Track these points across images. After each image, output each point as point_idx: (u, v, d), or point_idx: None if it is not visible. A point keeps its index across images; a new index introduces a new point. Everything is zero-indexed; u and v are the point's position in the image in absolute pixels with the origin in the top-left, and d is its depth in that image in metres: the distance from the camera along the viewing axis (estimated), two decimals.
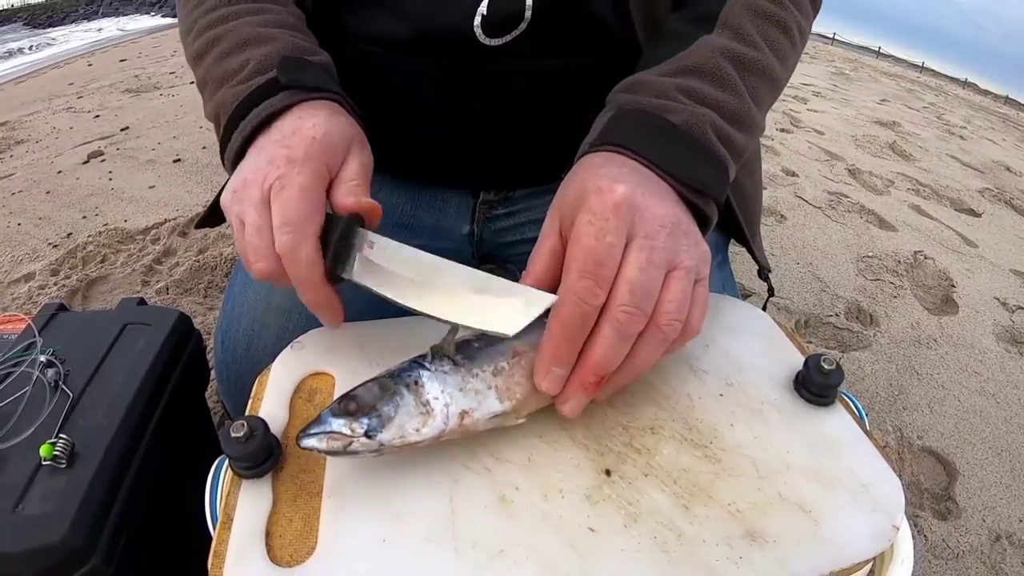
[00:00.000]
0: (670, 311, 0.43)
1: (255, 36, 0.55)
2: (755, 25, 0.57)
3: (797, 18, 0.61)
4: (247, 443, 0.42)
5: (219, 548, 0.40)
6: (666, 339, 0.44)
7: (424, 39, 0.65)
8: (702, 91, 0.53)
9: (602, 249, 0.42)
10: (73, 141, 2.57)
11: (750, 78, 0.56)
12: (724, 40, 0.56)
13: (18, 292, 1.50)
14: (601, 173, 0.46)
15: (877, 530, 0.42)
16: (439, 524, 0.41)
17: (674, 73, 0.54)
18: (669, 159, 0.48)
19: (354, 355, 0.54)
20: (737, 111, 0.54)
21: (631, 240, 0.43)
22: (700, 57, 0.54)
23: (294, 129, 0.49)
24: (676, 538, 0.41)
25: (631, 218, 0.43)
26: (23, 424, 0.58)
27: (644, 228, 0.43)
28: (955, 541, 1.12)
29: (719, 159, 0.52)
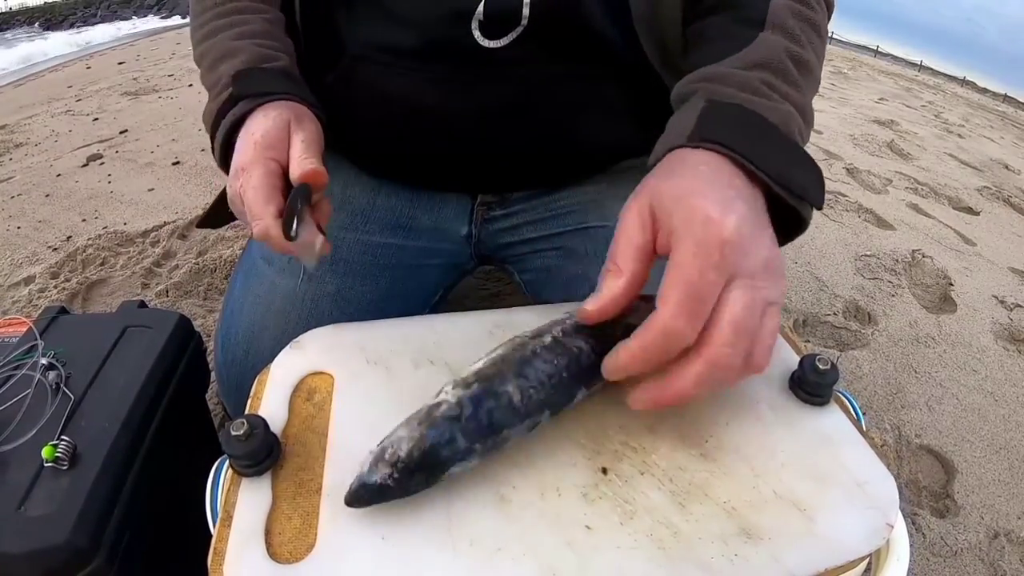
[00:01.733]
0: (763, 351, 0.43)
1: (227, 51, 0.64)
2: (800, 27, 0.58)
3: (824, 20, 0.62)
4: (247, 441, 0.43)
5: (219, 546, 0.40)
6: (749, 372, 0.43)
7: (423, 44, 0.65)
8: (780, 87, 0.53)
9: (703, 285, 0.41)
10: (72, 144, 2.57)
11: (805, 76, 0.56)
12: (780, 38, 0.56)
13: (18, 295, 1.50)
14: (709, 194, 0.44)
15: (872, 528, 0.43)
16: (437, 522, 0.41)
17: (749, 67, 0.54)
18: (773, 162, 0.48)
19: (353, 355, 0.54)
20: (805, 107, 0.55)
21: (734, 277, 0.42)
22: (768, 53, 0.54)
23: (243, 141, 0.57)
24: (672, 535, 0.41)
25: (736, 256, 0.42)
26: (25, 426, 0.58)
27: (748, 268, 0.42)
28: (953, 539, 1.12)
29: (812, 161, 0.51)
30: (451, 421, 0.42)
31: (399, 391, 0.51)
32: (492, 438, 0.43)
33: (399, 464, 0.40)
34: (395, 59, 0.67)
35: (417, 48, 0.66)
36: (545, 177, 0.78)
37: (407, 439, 0.41)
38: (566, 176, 0.79)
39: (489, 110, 0.68)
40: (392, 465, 0.40)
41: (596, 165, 0.79)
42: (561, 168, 0.77)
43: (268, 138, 0.56)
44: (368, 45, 0.69)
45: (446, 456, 0.42)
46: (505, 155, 0.72)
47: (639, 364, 0.42)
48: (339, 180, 0.78)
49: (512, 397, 0.43)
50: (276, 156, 0.56)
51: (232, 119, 0.59)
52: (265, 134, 0.56)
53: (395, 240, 0.78)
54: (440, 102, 0.68)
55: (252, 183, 0.53)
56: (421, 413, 0.43)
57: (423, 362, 0.53)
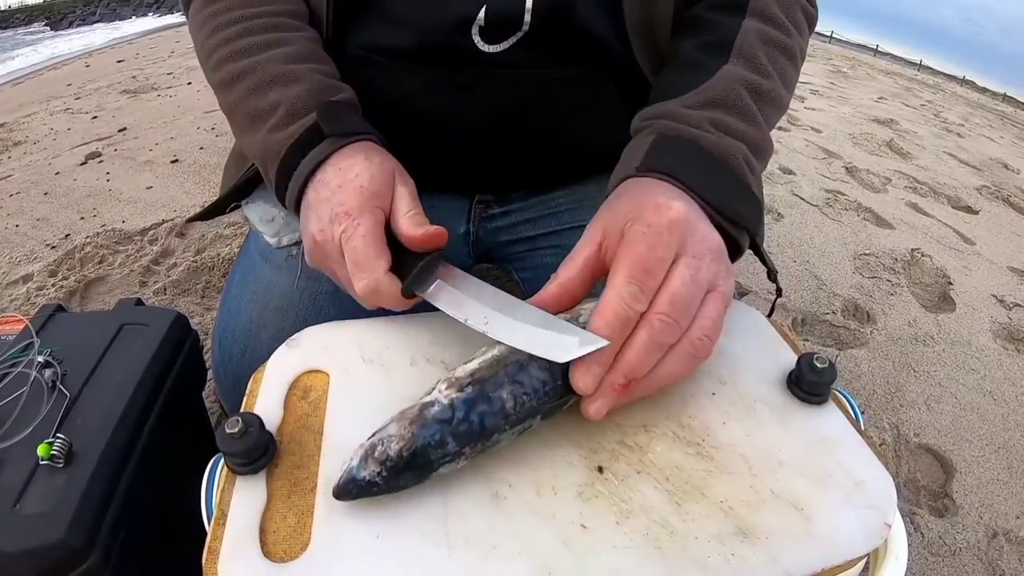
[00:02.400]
0: (705, 327, 0.45)
1: (282, 75, 0.59)
2: (767, 54, 0.60)
3: (800, 43, 0.64)
4: (242, 439, 0.42)
5: (213, 544, 0.40)
6: (696, 355, 0.45)
7: (423, 48, 0.65)
8: (730, 124, 0.55)
9: (652, 260, 0.44)
10: (71, 142, 2.57)
11: (765, 107, 0.58)
12: (742, 71, 0.58)
13: (16, 293, 1.50)
14: (657, 191, 0.49)
15: (870, 528, 0.43)
16: (432, 520, 0.41)
17: (701, 105, 0.56)
18: (713, 190, 0.51)
19: (349, 353, 0.54)
20: (759, 142, 0.57)
21: (679, 257, 0.45)
22: (723, 89, 0.57)
23: (340, 183, 0.53)
24: (668, 535, 0.41)
25: (683, 237, 0.45)
26: (21, 424, 0.58)
27: (694, 248, 0.45)
28: (952, 538, 1.12)
29: (754, 194, 0.54)
30: (442, 423, 0.42)
31: (395, 389, 0.50)
32: (482, 442, 0.43)
33: (388, 463, 0.41)
34: (395, 62, 0.67)
35: (417, 52, 0.66)
36: (543, 177, 0.78)
37: (397, 438, 0.41)
38: (564, 176, 0.79)
39: (488, 113, 0.68)
40: (381, 463, 0.41)
41: (594, 165, 0.78)
42: (559, 168, 0.77)
43: (375, 185, 0.53)
44: (368, 48, 0.68)
45: (435, 457, 0.42)
46: (503, 156, 0.72)
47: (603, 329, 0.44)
48: None
49: (505, 404, 0.43)
50: (383, 206, 0.53)
51: (316, 160, 0.55)
52: (372, 181, 0.53)
53: None
54: (439, 105, 0.68)
55: (361, 232, 0.50)
56: (413, 411, 0.43)
57: (419, 360, 0.53)
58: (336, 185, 0.53)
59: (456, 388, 0.44)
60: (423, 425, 0.42)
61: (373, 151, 0.56)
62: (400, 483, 0.42)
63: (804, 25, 0.67)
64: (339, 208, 0.51)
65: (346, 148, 0.55)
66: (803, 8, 0.67)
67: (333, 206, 0.52)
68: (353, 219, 0.51)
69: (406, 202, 0.53)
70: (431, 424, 0.42)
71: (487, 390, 0.43)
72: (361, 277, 0.50)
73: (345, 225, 0.51)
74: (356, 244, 0.50)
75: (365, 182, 0.53)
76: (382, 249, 0.51)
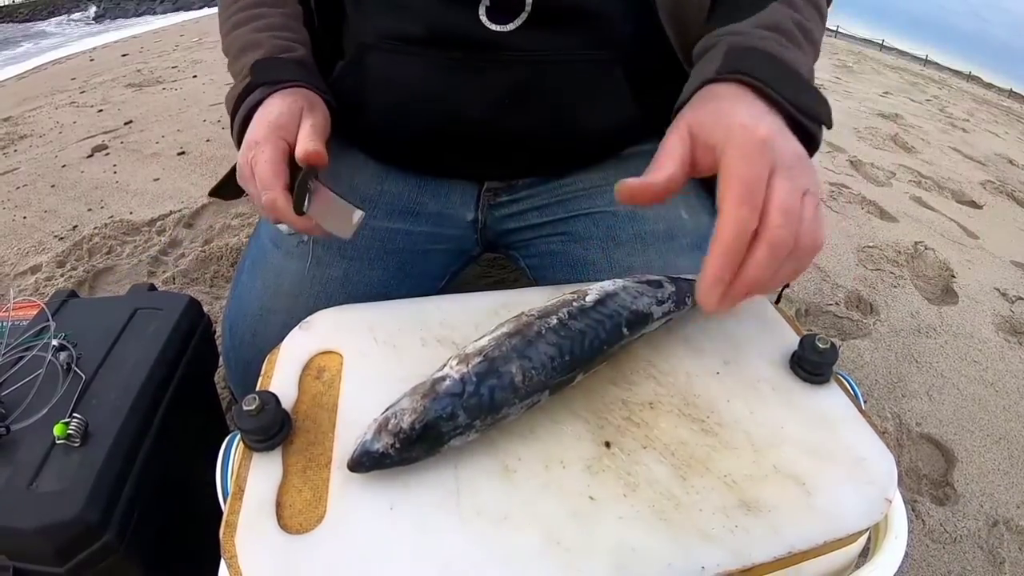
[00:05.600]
0: (808, 231, 0.47)
1: (249, 43, 0.70)
2: (804, 5, 0.64)
3: (824, 2, 0.68)
4: (259, 416, 0.43)
5: (231, 518, 0.41)
6: (803, 257, 0.48)
7: (431, 30, 0.66)
8: (788, 45, 0.59)
9: (754, 179, 0.46)
10: (77, 135, 2.57)
11: (809, 43, 0.62)
12: (789, 10, 0.62)
13: (25, 284, 1.51)
14: (740, 107, 0.51)
15: (870, 503, 0.44)
16: (445, 492, 0.42)
17: (763, 27, 0.60)
18: (790, 90, 0.54)
19: (362, 334, 0.55)
20: (810, 65, 0.61)
21: (774, 171, 0.47)
22: (779, 19, 0.60)
23: (258, 119, 0.62)
24: (674, 507, 0.42)
25: (774, 151, 0.48)
26: (37, 406, 0.59)
27: (784, 160, 0.48)
28: (953, 526, 1.12)
29: (820, 92, 0.57)
30: (453, 397, 0.43)
31: (407, 369, 0.51)
32: (491, 415, 0.44)
33: (401, 435, 0.42)
34: (404, 46, 0.68)
35: (426, 34, 0.66)
36: (552, 163, 0.79)
37: (409, 411, 0.43)
38: (572, 162, 0.79)
39: (497, 95, 0.68)
40: (394, 435, 0.42)
41: (602, 151, 0.79)
42: (568, 154, 0.78)
43: (281, 119, 0.61)
44: (377, 32, 0.69)
45: (446, 430, 0.43)
46: (511, 141, 0.73)
47: (726, 268, 0.45)
48: (347, 166, 0.79)
49: (514, 378, 0.44)
50: (286, 136, 0.60)
51: (251, 103, 0.65)
52: (279, 115, 0.61)
53: (402, 225, 0.78)
54: (448, 88, 0.69)
55: (264, 157, 0.58)
56: (425, 386, 0.44)
57: (430, 341, 0.54)
58: (255, 121, 0.62)
59: (467, 363, 0.45)
60: (435, 399, 0.43)
61: (291, 94, 0.64)
62: (412, 455, 0.43)
63: None
64: (250, 137, 0.61)
65: (275, 93, 0.64)
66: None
67: (248, 137, 0.61)
68: (260, 146, 0.59)
69: (305, 131, 0.61)
70: (443, 398, 0.43)
71: (496, 365, 0.45)
72: (263, 193, 0.58)
73: (254, 152, 0.59)
74: (259, 167, 0.58)
75: (273, 117, 0.61)
76: (280, 170, 0.58)
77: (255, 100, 0.65)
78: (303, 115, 0.62)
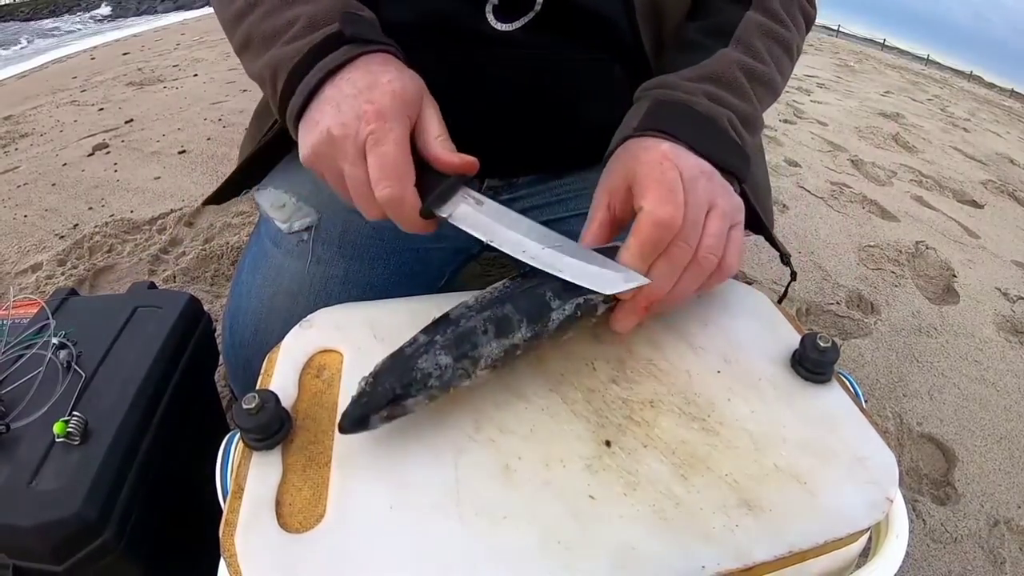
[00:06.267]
0: (709, 245, 0.48)
1: None
2: (764, 44, 0.64)
3: (796, 38, 0.68)
4: (258, 415, 0.43)
5: (230, 517, 0.41)
6: (703, 271, 0.49)
7: (437, 25, 0.66)
8: (722, 97, 0.59)
9: (670, 181, 0.48)
10: (77, 134, 2.57)
11: (758, 88, 0.62)
12: (739, 55, 0.62)
13: (26, 282, 1.51)
14: (647, 144, 0.53)
15: (871, 502, 0.43)
16: (444, 492, 0.42)
17: (698, 79, 0.60)
18: (702, 142, 0.54)
19: (362, 333, 0.55)
20: (748, 114, 0.61)
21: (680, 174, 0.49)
22: (720, 67, 0.60)
23: (370, 84, 0.50)
24: (674, 506, 0.42)
25: (678, 163, 0.50)
26: (37, 403, 0.59)
27: (688, 171, 0.50)
28: (953, 526, 1.12)
29: (740, 147, 0.58)
30: (425, 345, 0.46)
31: None
32: (465, 350, 0.46)
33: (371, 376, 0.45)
34: (407, 41, 0.68)
35: (430, 29, 0.66)
36: (551, 161, 0.79)
37: (382, 361, 0.45)
38: (571, 160, 0.79)
39: (497, 93, 0.68)
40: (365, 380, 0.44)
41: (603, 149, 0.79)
42: (567, 152, 0.78)
43: (408, 94, 0.50)
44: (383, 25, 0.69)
45: (422, 367, 0.44)
46: (512, 138, 0.73)
47: (638, 259, 0.48)
48: None
49: (476, 327, 0.46)
50: (413, 117, 0.51)
51: (335, 62, 0.51)
52: (405, 89, 0.50)
53: None
54: (450, 84, 0.68)
55: (393, 138, 0.48)
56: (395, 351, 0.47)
57: None
58: (365, 85, 0.50)
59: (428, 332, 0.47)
60: (410, 344, 0.46)
61: (404, 64, 0.54)
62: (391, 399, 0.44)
63: (802, 24, 0.70)
64: (369, 107, 0.48)
65: (372, 55, 0.52)
66: (802, 8, 0.71)
67: (361, 103, 0.49)
68: (386, 122, 0.48)
69: (436, 124, 0.52)
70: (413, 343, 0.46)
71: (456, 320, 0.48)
72: (387, 185, 0.48)
73: (375, 127, 0.48)
74: (387, 149, 0.48)
75: (399, 88, 0.50)
76: (410, 159, 0.49)
77: (341, 59, 0.51)
78: (425, 99, 0.53)
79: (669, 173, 0.48)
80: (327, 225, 0.74)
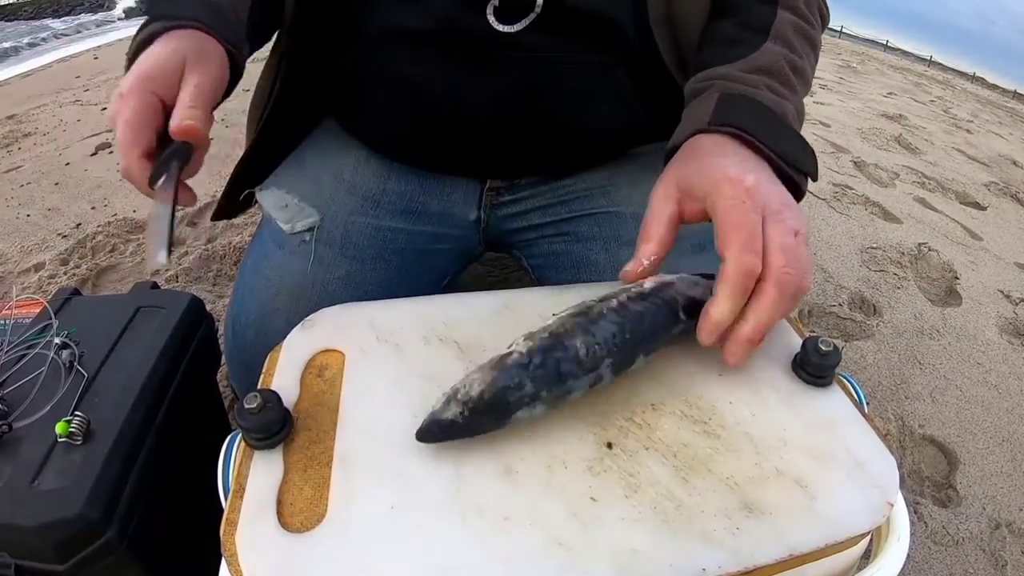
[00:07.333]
0: (807, 271, 0.50)
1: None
2: (798, 40, 0.66)
3: (819, 35, 0.70)
4: (260, 414, 0.43)
5: (231, 516, 0.41)
6: (799, 295, 0.50)
7: (438, 28, 0.66)
8: (780, 89, 0.61)
9: (751, 226, 0.48)
10: (81, 133, 2.57)
11: (800, 82, 0.64)
12: (781, 49, 0.63)
13: (28, 281, 1.51)
14: (726, 163, 0.52)
15: (872, 506, 0.43)
16: (446, 492, 0.42)
17: (754, 71, 0.61)
18: (778, 142, 0.56)
19: (364, 333, 0.55)
20: (800, 108, 0.63)
21: (765, 217, 0.49)
22: (770, 61, 0.62)
23: (135, 65, 0.54)
24: (675, 508, 0.42)
25: (761, 199, 0.50)
26: (39, 403, 0.59)
27: (771, 207, 0.50)
28: (955, 528, 1.12)
29: (807, 144, 0.59)
30: (520, 368, 0.45)
31: (408, 368, 0.51)
32: (557, 387, 0.45)
33: (469, 404, 0.43)
34: (410, 43, 0.68)
35: (432, 32, 0.66)
36: (555, 162, 0.79)
37: (479, 381, 0.44)
38: (575, 161, 0.79)
39: (501, 94, 0.68)
40: (463, 404, 0.43)
41: (606, 151, 0.79)
42: (569, 154, 0.78)
43: (155, 69, 0.53)
44: (384, 28, 0.69)
45: (513, 399, 0.44)
46: (514, 139, 0.73)
47: (728, 311, 0.48)
48: (349, 164, 0.79)
49: (578, 351, 0.46)
50: (159, 90, 0.53)
51: (141, 40, 0.56)
52: (154, 64, 0.53)
53: (405, 225, 0.78)
54: (453, 86, 0.69)
55: (125, 115, 0.51)
56: (493, 360, 0.46)
57: (432, 339, 0.54)
58: (131, 69, 0.54)
59: (533, 340, 0.46)
60: (503, 370, 0.44)
61: (178, 38, 0.56)
62: (480, 424, 0.44)
63: (819, 23, 0.72)
64: (119, 89, 0.53)
65: (166, 33, 0.56)
66: (820, 7, 0.72)
67: (120, 84, 0.53)
68: (124, 99, 0.52)
69: (187, 95, 0.53)
70: (510, 368, 0.44)
71: (562, 339, 0.46)
72: (121, 156, 0.52)
73: (118, 105, 0.52)
74: (120, 125, 0.52)
75: (146, 67, 0.53)
76: (141, 133, 0.52)
77: (146, 35, 0.56)
78: (187, 68, 0.54)
79: (751, 216, 0.49)
80: (329, 226, 0.75)
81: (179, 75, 0.54)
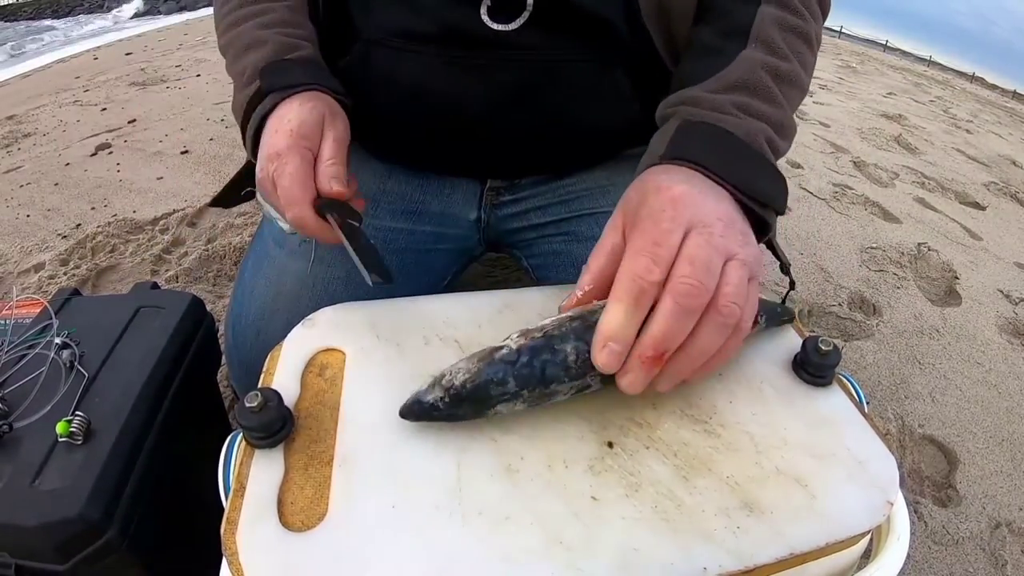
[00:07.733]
0: (729, 294, 0.44)
1: (253, 40, 0.67)
2: (784, 38, 0.61)
3: (814, 27, 0.65)
4: (261, 413, 0.43)
5: (232, 515, 0.41)
6: (726, 323, 0.44)
7: (435, 28, 0.66)
8: (753, 106, 0.56)
9: (659, 232, 0.44)
10: (80, 134, 2.57)
11: (786, 89, 0.59)
12: (761, 54, 0.59)
13: (28, 282, 1.52)
14: (663, 177, 0.49)
15: (872, 505, 0.43)
16: (447, 492, 0.42)
17: (725, 90, 0.57)
18: (735, 172, 0.51)
19: (364, 332, 0.55)
20: (782, 121, 0.58)
21: (690, 230, 0.45)
22: (744, 73, 0.58)
23: (276, 129, 0.59)
24: (676, 507, 0.42)
25: (689, 211, 0.46)
26: (39, 403, 0.59)
27: (701, 219, 0.45)
28: (955, 528, 1.12)
29: (777, 171, 0.55)
30: (507, 364, 0.45)
31: (409, 367, 0.51)
32: (540, 387, 0.45)
33: (452, 391, 0.44)
34: (408, 43, 0.68)
35: (429, 32, 0.66)
36: (554, 162, 0.79)
37: (464, 371, 0.45)
38: (575, 161, 0.79)
39: (499, 94, 0.68)
40: (446, 390, 0.44)
41: (605, 151, 0.79)
42: (570, 153, 0.78)
43: (304, 128, 0.58)
44: (382, 29, 0.69)
45: (494, 393, 0.45)
46: (513, 139, 0.73)
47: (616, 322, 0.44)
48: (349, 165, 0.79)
49: (568, 356, 0.46)
50: (311, 146, 0.58)
51: (263, 112, 0.62)
52: (301, 124, 0.58)
53: (405, 225, 0.78)
54: (451, 86, 0.69)
55: (288, 170, 0.56)
56: (483, 352, 0.46)
57: (432, 339, 0.54)
58: (273, 131, 0.59)
59: (526, 337, 0.46)
60: (489, 363, 0.45)
61: (309, 98, 0.61)
62: (460, 412, 0.45)
63: (818, 12, 0.67)
64: (271, 150, 0.58)
65: (288, 99, 0.61)
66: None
67: (268, 148, 0.58)
68: (282, 159, 0.56)
69: (328, 148, 0.59)
70: (497, 363, 0.45)
71: (553, 342, 0.46)
72: (289, 209, 0.56)
73: (276, 164, 0.57)
74: (284, 181, 0.56)
75: (294, 126, 0.58)
76: (307, 184, 0.56)
77: (267, 108, 0.62)
78: (325, 124, 0.60)
79: (664, 224, 0.45)
80: None
81: (320, 131, 0.60)
